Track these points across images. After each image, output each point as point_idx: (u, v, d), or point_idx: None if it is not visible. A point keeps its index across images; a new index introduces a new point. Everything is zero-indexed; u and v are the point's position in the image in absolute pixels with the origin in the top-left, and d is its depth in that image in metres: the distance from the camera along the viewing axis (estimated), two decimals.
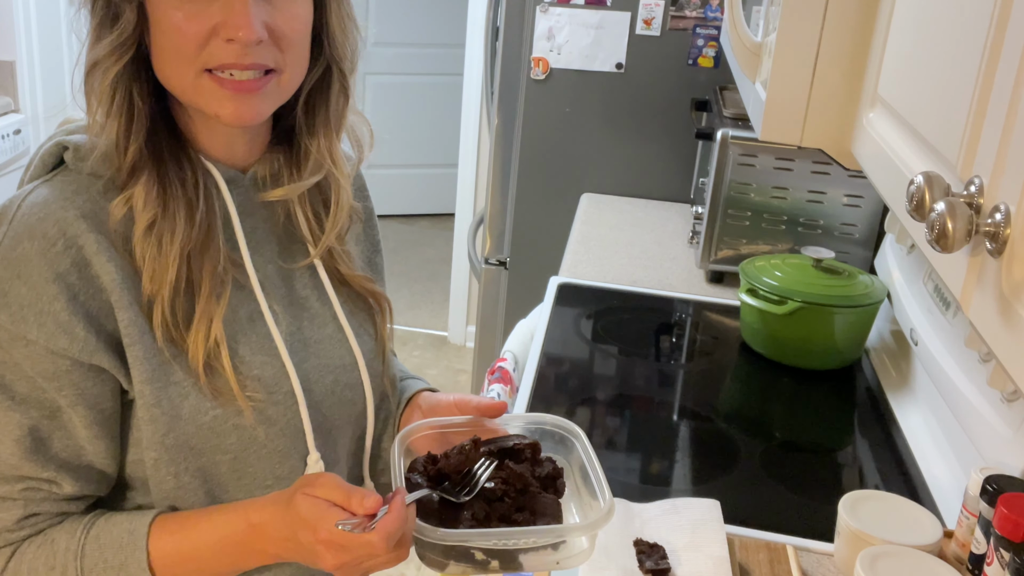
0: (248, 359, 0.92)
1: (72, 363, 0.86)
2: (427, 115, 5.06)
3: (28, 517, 0.89)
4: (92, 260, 0.85)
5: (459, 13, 3.72)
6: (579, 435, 1.00)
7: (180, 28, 0.85)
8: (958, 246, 0.60)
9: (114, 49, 0.86)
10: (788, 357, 1.77)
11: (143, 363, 0.87)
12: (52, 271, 0.84)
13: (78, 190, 0.87)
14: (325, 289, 1.01)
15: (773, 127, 1.17)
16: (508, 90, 2.74)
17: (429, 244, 4.97)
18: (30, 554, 0.88)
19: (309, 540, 0.85)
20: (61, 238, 0.84)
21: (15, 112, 3.35)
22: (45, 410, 0.87)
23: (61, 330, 0.84)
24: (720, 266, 2.13)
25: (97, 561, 0.88)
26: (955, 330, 1.45)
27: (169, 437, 0.89)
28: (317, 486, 0.86)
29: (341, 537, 0.83)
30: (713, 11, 2.57)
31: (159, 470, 0.90)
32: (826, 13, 1.09)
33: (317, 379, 0.98)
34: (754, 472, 1.44)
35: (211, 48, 0.86)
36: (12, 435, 0.86)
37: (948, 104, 0.75)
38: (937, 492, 1.38)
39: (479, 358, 3.07)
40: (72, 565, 0.88)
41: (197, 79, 0.87)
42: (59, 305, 0.84)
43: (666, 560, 1.14)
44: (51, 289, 0.84)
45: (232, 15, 0.84)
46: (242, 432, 0.92)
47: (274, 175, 0.99)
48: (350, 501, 0.84)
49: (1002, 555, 0.99)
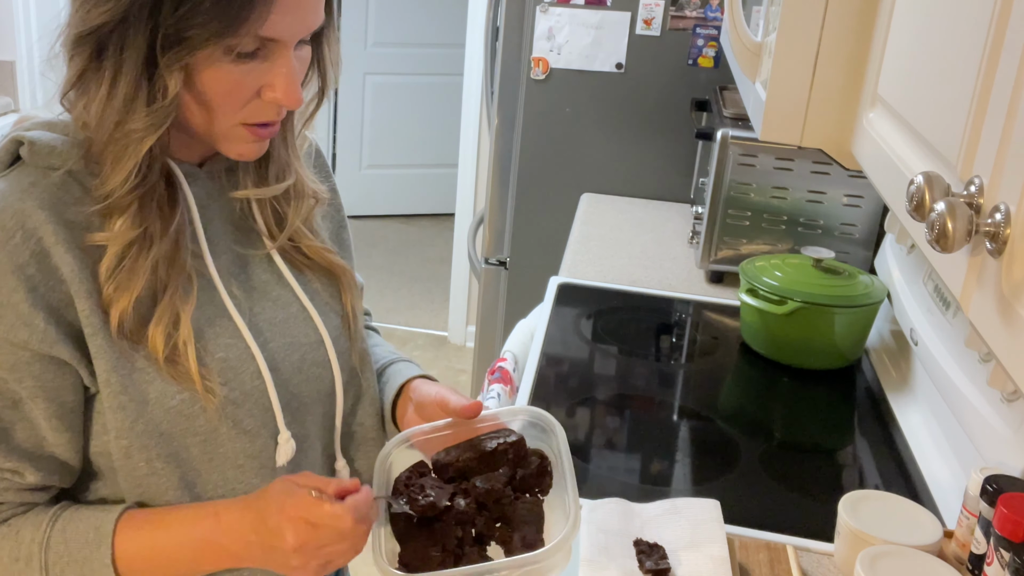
0: (212, 344, 0.93)
1: (32, 355, 0.86)
2: (427, 115, 5.06)
3: None
4: (51, 251, 0.85)
5: (459, 13, 3.72)
6: (556, 430, 1.00)
7: (231, 90, 0.86)
8: (958, 246, 0.60)
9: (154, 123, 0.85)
10: (788, 357, 1.77)
11: (106, 351, 0.87)
12: (11, 263, 0.84)
13: (35, 182, 0.87)
14: (283, 273, 1.02)
15: (773, 127, 1.17)
16: (508, 90, 2.74)
17: (429, 244, 4.97)
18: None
19: (275, 520, 0.87)
20: (19, 230, 0.85)
21: (15, 112, 3.35)
22: (6, 400, 0.87)
23: (21, 322, 0.84)
24: (720, 266, 2.13)
25: (62, 554, 0.88)
26: (955, 330, 1.45)
27: (139, 424, 0.89)
28: (294, 475, 0.90)
29: (308, 511, 0.86)
30: (713, 11, 2.57)
31: (130, 458, 0.90)
32: (826, 13, 1.09)
33: (283, 358, 0.98)
34: (754, 472, 1.44)
35: (253, 107, 0.88)
36: None
37: (948, 104, 0.75)
38: (937, 492, 1.38)
39: (479, 358, 3.07)
40: (37, 556, 0.88)
41: (234, 129, 0.90)
42: (18, 297, 0.84)
43: (666, 560, 1.14)
44: (10, 281, 0.84)
45: (282, 81, 0.87)
46: (210, 414, 0.92)
47: (229, 168, 0.99)
48: (327, 486, 0.89)
49: (1002, 555, 0.99)
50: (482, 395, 1.63)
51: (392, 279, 4.54)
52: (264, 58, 0.86)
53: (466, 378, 3.73)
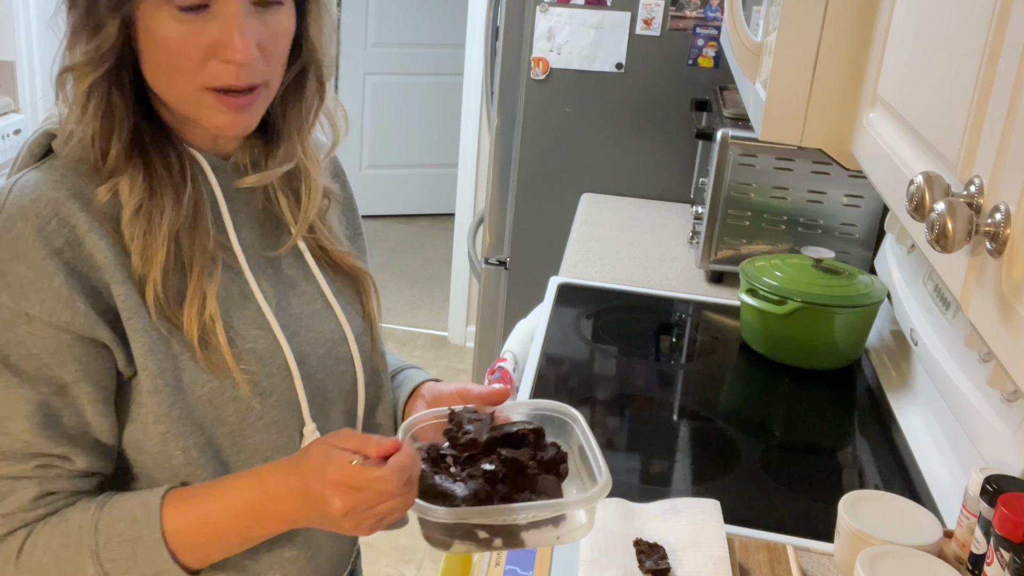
0: (242, 333, 0.94)
1: (74, 338, 0.87)
2: (427, 115, 5.06)
3: (43, 496, 0.89)
4: (84, 239, 0.87)
5: (459, 13, 3.72)
6: (577, 419, 1.01)
7: (179, 47, 0.87)
8: (958, 246, 0.60)
9: (91, 60, 0.88)
10: (788, 357, 1.77)
11: (143, 335, 0.88)
12: (49, 248, 0.85)
13: (66, 173, 0.89)
14: (310, 268, 1.03)
15: (773, 127, 1.17)
16: (508, 90, 2.74)
17: (429, 244, 4.97)
18: (45, 533, 0.89)
19: (318, 487, 0.86)
20: (54, 217, 0.86)
21: (15, 112, 3.35)
22: (52, 386, 0.87)
23: (62, 304, 0.85)
24: (720, 266, 2.13)
25: (111, 536, 0.88)
26: (955, 330, 1.45)
27: (175, 409, 0.90)
28: (331, 436, 0.89)
29: (351, 477, 0.85)
30: (713, 11, 2.57)
31: (167, 445, 0.91)
32: (826, 13, 1.09)
33: (310, 352, 0.99)
34: (754, 472, 1.44)
35: (210, 68, 0.88)
36: (22, 412, 0.87)
37: (948, 104, 0.75)
38: (937, 492, 1.38)
39: (479, 358, 3.07)
40: (88, 540, 0.88)
41: (198, 94, 0.89)
42: (58, 281, 0.85)
43: (666, 560, 1.14)
44: (49, 266, 0.85)
45: (229, 37, 0.86)
46: (239, 404, 0.93)
47: (254, 162, 1.01)
48: (366, 446, 0.86)
49: (1002, 555, 0.99)
50: None
51: (392, 279, 4.54)
52: (215, 15, 0.86)
53: (466, 378, 3.73)
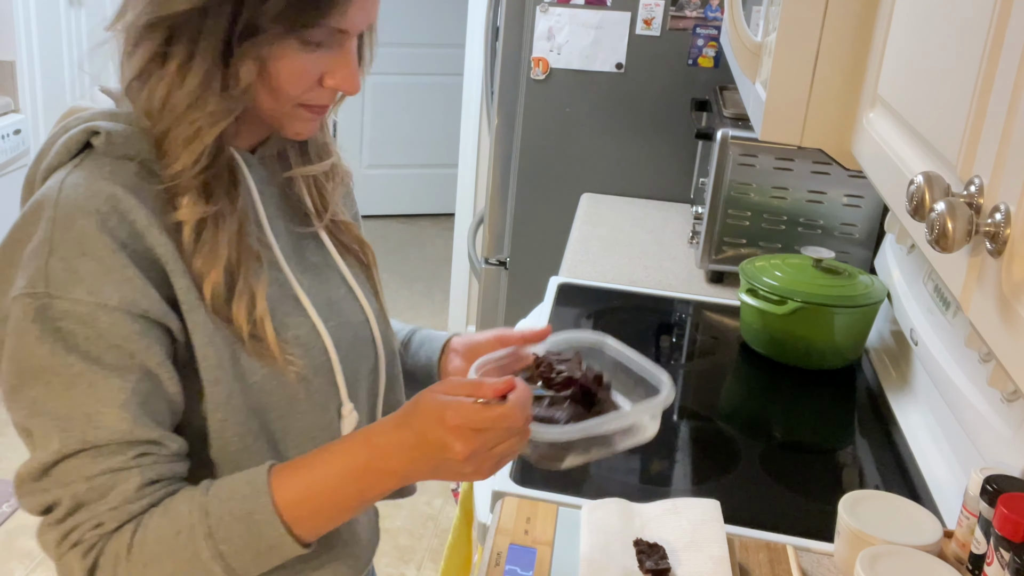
0: (285, 323, 0.97)
1: (151, 323, 0.88)
2: (427, 115, 5.06)
3: (147, 485, 0.90)
4: (144, 233, 0.88)
5: (459, 13, 3.71)
6: (605, 341, 1.10)
7: (299, 76, 0.91)
8: (958, 246, 0.60)
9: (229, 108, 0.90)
10: (788, 357, 1.77)
11: (202, 327, 0.90)
12: (116, 241, 0.86)
13: (115, 171, 0.90)
14: (331, 254, 1.07)
15: (773, 127, 1.17)
16: (508, 90, 2.74)
17: (429, 244, 4.98)
18: (153, 524, 0.89)
19: (438, 434, 0.87)
20: (114, 212, 0.87)
21: (15, 112, 3.35)
22: (140, 372, 0.88)
23: (139, 293, 0.87)
24: (720, 266, 2.13)
25: (223, 515, 0.89)
26: (955, 330, 1.45)
27: (233, 398, 0.92)
28: (437, 386, 0.91)
29: (473, 419, 0.87)
30: (713, 11, 2.57)
31: (224, 432, 0.93)
32: (826, 13, 1.10)
33: (341, 336, 1.02)
34: (754, 472, 1.43)
35: (315, 90, 0.93)
36: (116, 402, 0.87)
37: (948, 104, 0.75)
38: (937, 492, 1.38)
39: None
40: (199, 524, 0.88)
41: (293, 109, 0.95)
42: (131, 271, 0.87)
43: (666, 560, 1.14)
44: (120, 258, 0.86)
45: (347, 71, 0.93)
46: (286, 390, 0.96)
47: (280, 153, 1.04)
48: (480, 388, 0.89)
49: (1002, 555, 0.99)
50: None
51: (392, 279, 4.54)
52: (329, 47, 0.91)
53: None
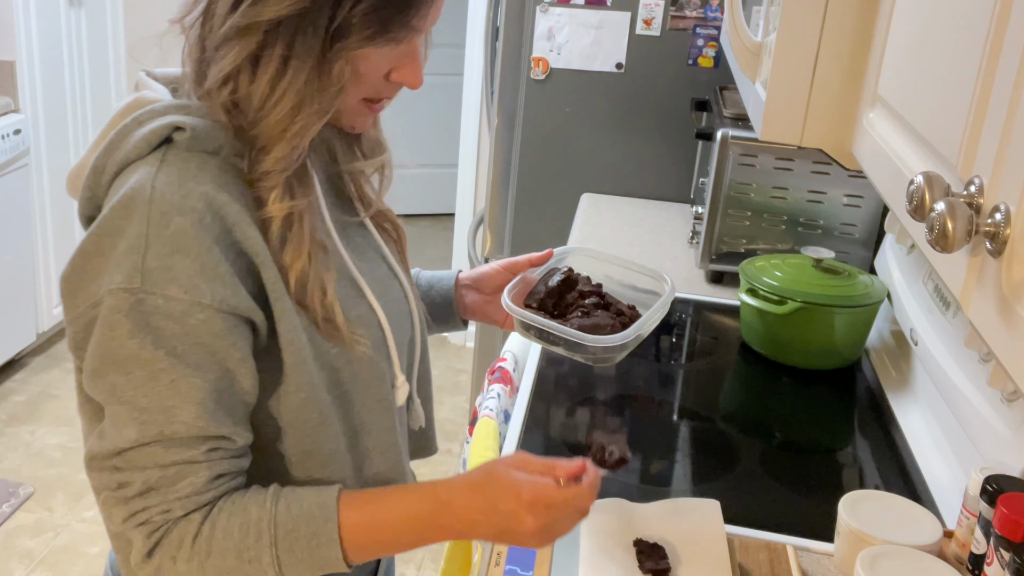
0: (349, 304, 1.00)
1: (238, 320, 0.91)
2: (427, 115, 5.06)
3: (215, 479, 0.92)
4: (234, 228, 0.90)
5: (459, 13, 3.72)
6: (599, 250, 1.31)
7: (370, 72, 0.95)
8: (958, 246, 0.60)
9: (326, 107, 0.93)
10: (788, 357, 1.77)
11: (288, 315, 0.94)
12: (210, 238, 0.88)
13: (201, 167, 0.91)
14: (373, 236, 1.12)
15: (773, 127, 1.17)
16: (508, 90, 2.74)
17: (429, 244, 4.97)
18: (223, 519, 0.92)
19: (511, 507, 0.94)
20: (208, 210, 0.89)
21: (15, 112, 3.35)
22: (219, 371, 0.90)
23: (230, 291, 0.89)
24: (720, 266, 2.13)
25: (290, 530, 0.93)
26: (955, 330, 1.45)
27: (313, 377, 0.96)
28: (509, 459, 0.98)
29: (548, 496, 0.94)
30: (713, 11, 2.57)
31: (306, 409, 0.97)
32: (826, 13, 1.10)
33: (388, 313, 1.06)
34: (754, 472, 1.44)
35: (380, 86, 0.98)
36: (194, 400, 0.89)
37: (948, 104, 0.75)
38: (937, 492, 1.38)
39: (479, 358, 3.07)
40: (267, 532, 0.92)
41: (357, 104, 0.99)
42: (224, 268, 0.89)
43: (666, 560, 1.14)
44: (214, 255, 0.88)
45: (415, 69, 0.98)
46: (352, 366, 1.00)
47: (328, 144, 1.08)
48: (555, 469, 0.96)
49: (1002, 555, 0.99)
50: (482, 395, 1.63)
51: None
52: (399, 44, 0.94)
53: (466, 378, 3.73)
